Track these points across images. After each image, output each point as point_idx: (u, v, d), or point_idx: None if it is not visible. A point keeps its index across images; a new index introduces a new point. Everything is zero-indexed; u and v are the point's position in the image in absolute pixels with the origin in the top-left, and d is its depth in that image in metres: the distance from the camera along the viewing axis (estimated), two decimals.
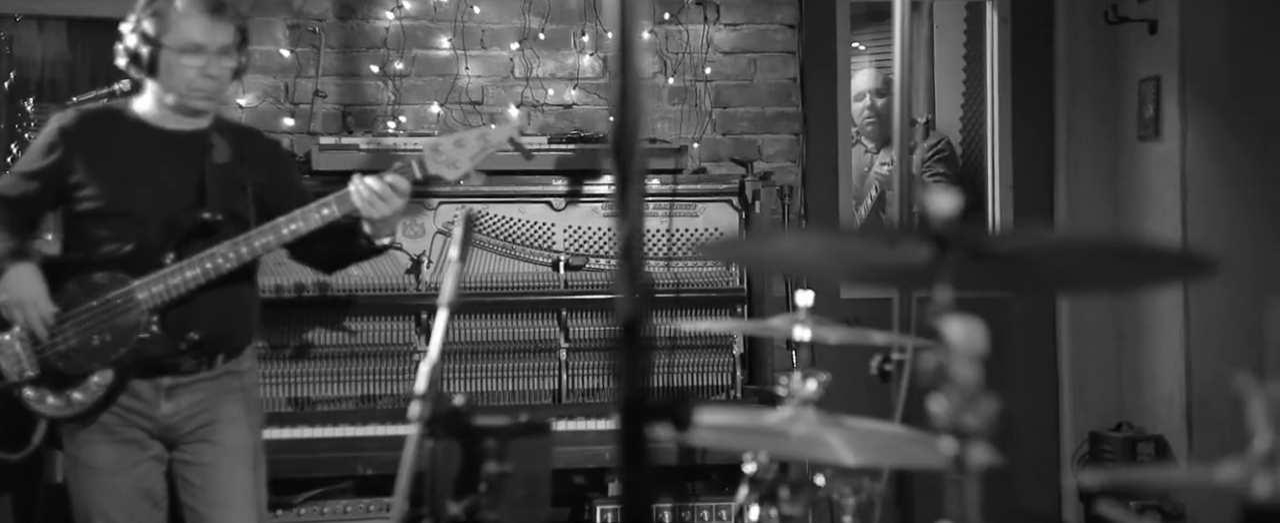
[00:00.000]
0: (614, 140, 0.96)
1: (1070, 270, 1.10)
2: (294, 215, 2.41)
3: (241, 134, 2.59)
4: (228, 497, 2.44)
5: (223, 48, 2.41)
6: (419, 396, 1.47)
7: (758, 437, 1.39)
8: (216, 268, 2.38)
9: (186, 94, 2.42)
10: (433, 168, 2.47)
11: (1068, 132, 4.24)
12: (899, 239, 1.00)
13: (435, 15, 3.74)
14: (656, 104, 3.86)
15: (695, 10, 3.85)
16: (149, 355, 2.39)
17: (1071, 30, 4.21)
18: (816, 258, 1.09)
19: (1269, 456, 0.89)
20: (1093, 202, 4.18)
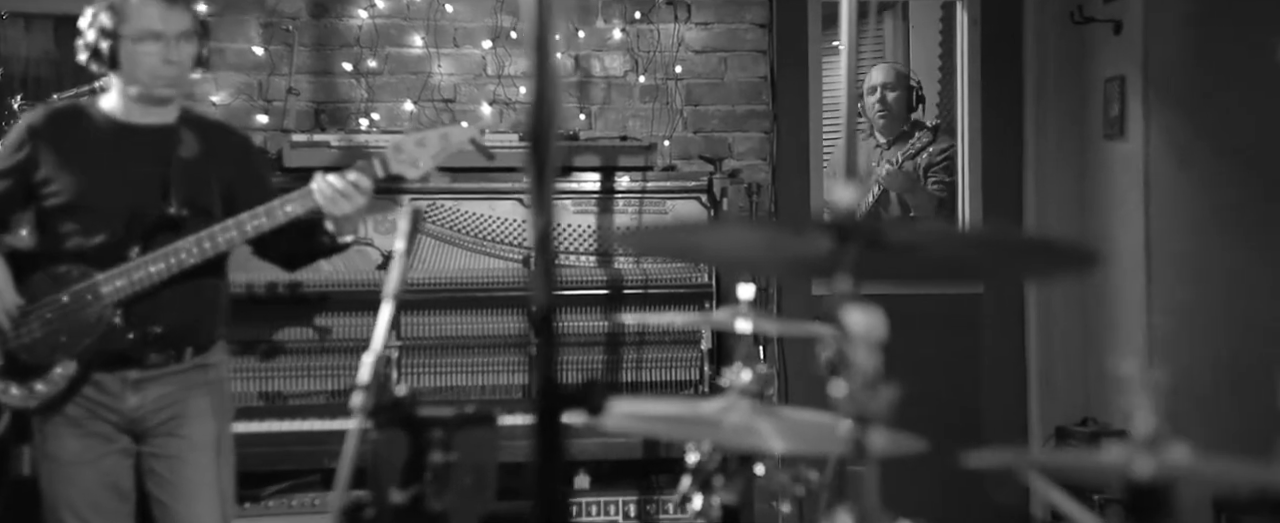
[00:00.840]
0: (530, 137, 1.00)
1: (962, 261, 1.14)
2: (257, 211, 2.44)
3: (210, 128, 2.62)
4: (194, 490, 2.47)
5: (181, 33, 2.44)
6: (361, 386, 1.50)
7: (694, 426, 1.43)
8: (180, 262, 2.41)
9: (150, 82, 2.44)
10: (394, 167, 2.51)
11: (1036, 131, 4.29)
12: (804, 231, 1.04)
13: (408, 13, 3.77)
14: (628, 102, 3.90)
15: (666, 9, 3.89)
16: (113, 348, 2.42)
17: (1040, 30, 4.26)
18: (726, 248, 1.13)
19: (1151, 438, 0.93)
20: (1060, 200, 4.24)
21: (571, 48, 3.85)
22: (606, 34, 3.88)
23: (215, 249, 2.43)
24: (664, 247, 1.19)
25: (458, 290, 3.34)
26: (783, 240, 1.08)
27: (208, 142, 2.54)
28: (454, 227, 3.46)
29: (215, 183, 2.51)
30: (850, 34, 2.03)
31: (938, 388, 4.09)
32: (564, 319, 3.37)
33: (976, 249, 1.11)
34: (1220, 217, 3.61)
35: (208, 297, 2.55)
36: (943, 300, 4.23)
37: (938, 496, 4.09)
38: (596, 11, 3.87)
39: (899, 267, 1.11)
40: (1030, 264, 1.23)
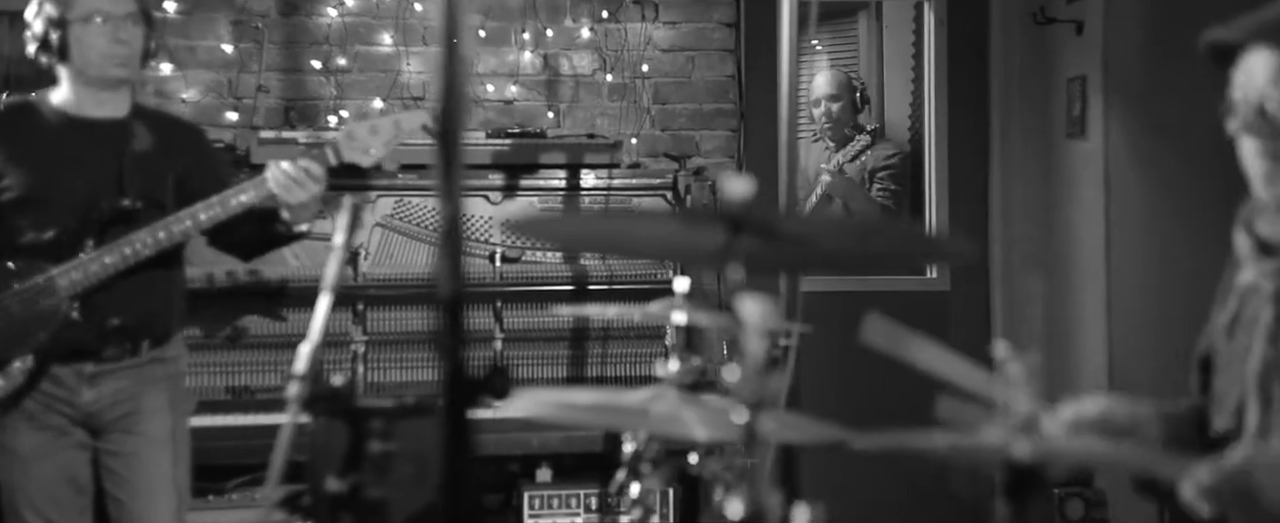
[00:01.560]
0: (439, 126, 1.03)
1: (848, 251, 1.18)
2: (211, 201, 2.46)
3: (162, 121, 2.64)
4: (150, 486, 2.49)
5: (128, 14, 2.46)
6: (297, 377, 1.53)
7: (622, 416, 1.47)
8: (135, 254, 2.43)
9: (101, 64, 2.46)
10: (347, 154, 2.53)
11: (1002, 130, 4.34)
12: (696, 222, 1.08)
13: (377, 12, 3.80)
14: (597, 101, 3.94)
15: (634, 9, 3.93)
16: (70, 341, 2.44)
17: (1005, 31, 4.31)
18: (618, 238, 1.16)
19: (1027, 420, 0.97)
20: (1025, 199, 4.29)
21: (540, 46, 3.89)
22: (575, 33, 3.91)
23: (170, 240, 2.45)
24: (562, 236, 1.22)
25: (423, 286, 3.38)
26: (677, 231, 1.12)
27: (160, 134, 2.56)
28: (420, 223, 3.49)
29: (169, 175, 2.53)
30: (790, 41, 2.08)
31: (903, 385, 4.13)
32: (531, 315, 3.40)
33: (862, 240, 1.15)
34: (1179, 214, 3.66)
35: (164, 289, 2.57)
36: (909, 298, 4.28)
37: (901, 491, 4.14)
38: (565, 10, 3.91)
39: (791, 257, 1.15)
40: (912, 255, 1.27)
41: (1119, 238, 3.80)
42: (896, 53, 5.16)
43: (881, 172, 4.51)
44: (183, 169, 2.56)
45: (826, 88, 4.60)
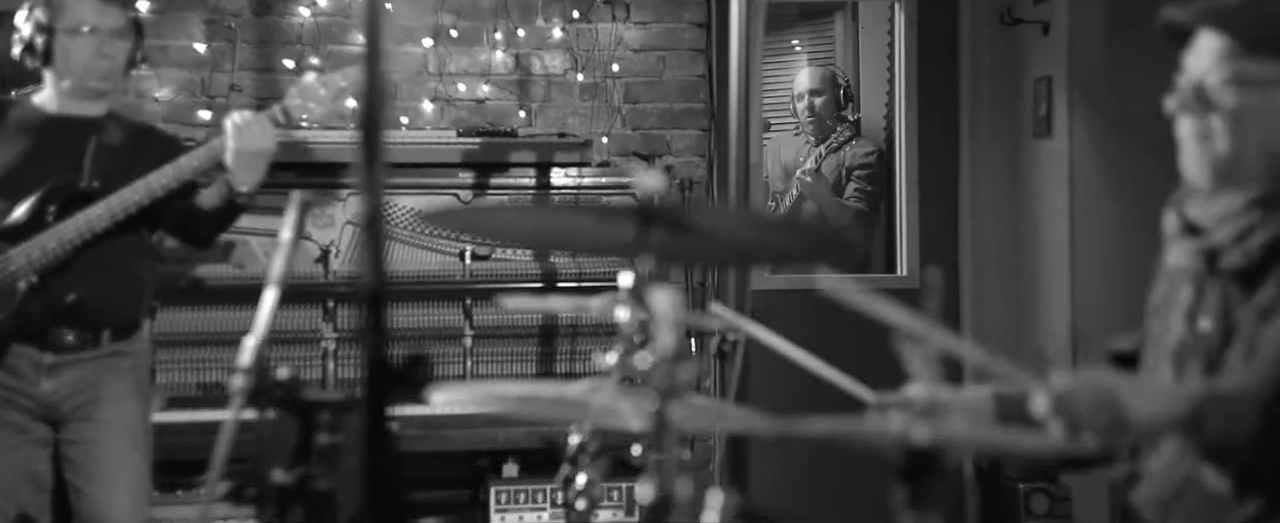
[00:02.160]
0: (362, 122, 1.07)
1: (756, 244, 1.22)
2: (164, 169, 2.49)
3: (137, 127, 2.70)
4: (109, 474, 2.52)
5: (115, 30, 2.51)
6: (242, 370, 1.57)
7: (562, 407, 1.51)
8: (92, 227, 2.46)
9: (82, 75, 2.51)
10: (295, 111, 2.57)
11: (971, 130, 4.39)
12: (609, 216, 1.12)
13: (349, 12, 3.83)
14: (568, 100, 3.97)
15: (605, 9, 3.97)
16: (28, 320, 2.46)
17: (974, 31, 4.36)
18: (535, 231, 1.20)
19: (928, 406, 1.01)
20: (994, 197, 4.33)
21: (512, 46, 3.93)
22: (546, 33, 3.95)
23: (124, 210, 2.48)
24: (477, 228, 1.26)
25: (394, 284, 3.41)
26: (589, 224, 1.15)
27: (132, 136, 2.61)
28: (391, 221, 3.53)
29: (138, 170, 2.57)
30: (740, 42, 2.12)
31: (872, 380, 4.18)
32: (501, 312, 3.44)
33: (768, 233, 1.19)
34: (1142, 212, 3.70)
35: (130, 279, 2.60)
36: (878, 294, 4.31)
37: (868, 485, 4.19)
38: (536, 10, 3.94)
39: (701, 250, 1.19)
40: (814, 249, 1.31)
41: (1083, 236, 3.85)
42: (872, 53, 5.20)
43: (858, 171, 4.55)
44: (151, 167, 2.60)
45: (809, 83, 4.64)
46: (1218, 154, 1.50)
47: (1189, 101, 1.51)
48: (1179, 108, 1.53)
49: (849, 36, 5.78)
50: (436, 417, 3.18)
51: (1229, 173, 1.50)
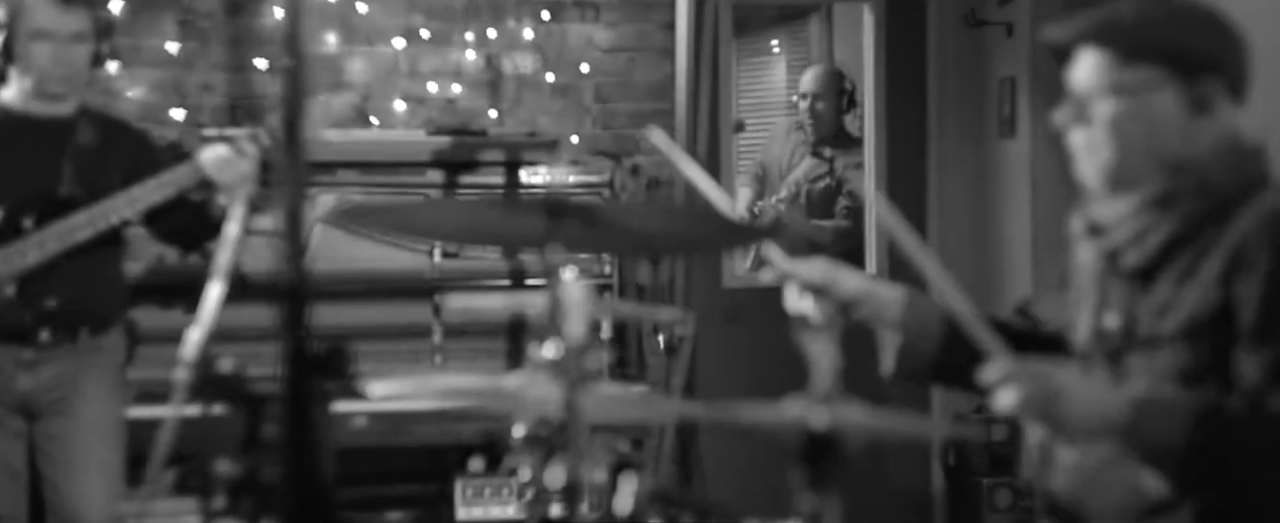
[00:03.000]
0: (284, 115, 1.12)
1: (663, 235, 1.27)
2: (147, 184, 2.54)
3: (108, 123, 2.73)
4: (83, 468, 2.57)
5: (73, 34, 2.54)
6: (185, 364, 1.61)
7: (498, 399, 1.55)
8: (73, 237, 2.51)
9: (41, 80, 2.55)
10: (273, 131, 2.62)
11: (938, 130, 4.45)
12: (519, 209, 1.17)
13: (323, 13, 3.87)
14: (538, 100, 4.02)
15: (575, 10, 4.02)
16: (8, 323, 2.51)
17: (941, 33, 4.42)
18: (444, 225, 1.25)
19: (825, 395, 1.07)
20: (960, 198, 4.39)
21: (482, 46, 3.97)
22: (517, 33, 4.00)
23: (107, 222, 2.53)
24: (386, 224, 1.30)
25: (364, 281, 3.45)
26: (498, 217, 1.20)
27: (106, 134, 2.65)
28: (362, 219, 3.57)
29: (113, 172, 2.61)
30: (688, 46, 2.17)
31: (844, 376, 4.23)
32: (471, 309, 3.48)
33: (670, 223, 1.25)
34: None
35: (106, 278, 2.65)
36: None
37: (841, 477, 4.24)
38: (507, 11, 3.99)
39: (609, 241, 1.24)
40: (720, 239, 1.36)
41: (1044, 235, 3.91)
42: (847, 55, 5.26)
43: (849, 186, 4.59)
44: (126, 168, 2.64)
45: (811, 85, 4.64)
46: (1105, 162, 1.56)
47: (1072, 114, 1.58)
48: (1063, 122, 1.59)
49: (823, 39, 5.84)
50: (403, 412, 3.22)
51: (1119, 178, 1.56)
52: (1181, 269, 1.51)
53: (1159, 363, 1.51)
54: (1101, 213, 1.60)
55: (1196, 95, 1.52)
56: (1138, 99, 1.53)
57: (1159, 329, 1.51)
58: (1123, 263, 1.56)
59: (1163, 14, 1.54)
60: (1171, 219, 1.52)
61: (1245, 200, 1.51)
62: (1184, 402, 1.42)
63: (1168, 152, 1.53)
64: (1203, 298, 1.48)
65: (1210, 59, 1.53)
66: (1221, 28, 1.56)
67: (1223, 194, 1.52)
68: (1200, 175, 1.52)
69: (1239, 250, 1.47)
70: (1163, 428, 1.40)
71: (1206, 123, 1.53)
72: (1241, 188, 1.52)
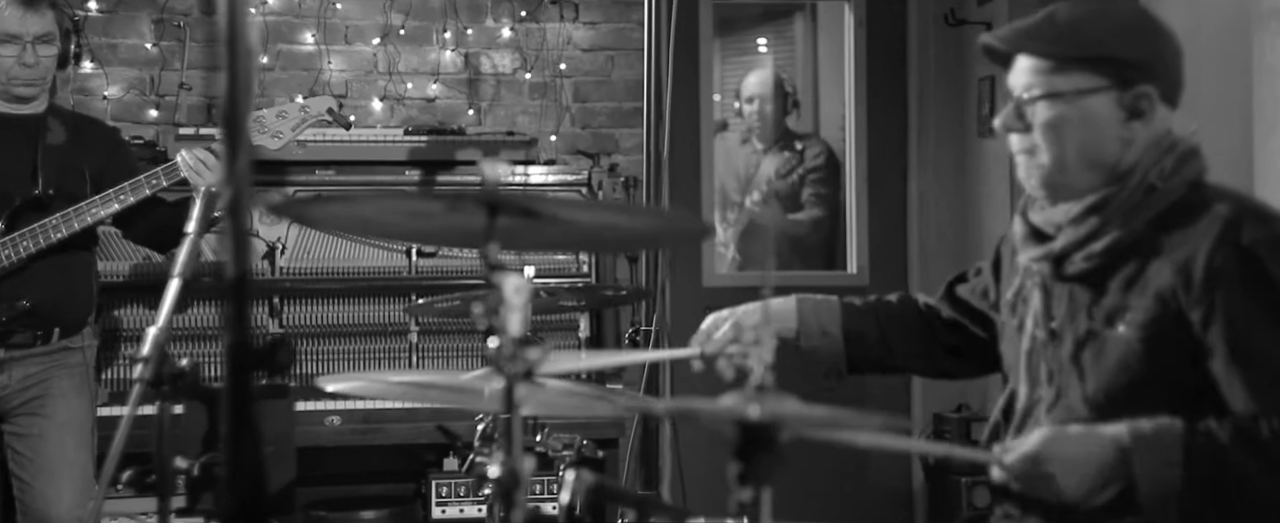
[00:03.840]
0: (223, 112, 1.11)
1: (601, 232, 1.27)
2: (123, 187, 2.54)
3: (78, 120, 2.73)
4: (55, 468, 2.56)
5: (38, 37, 2.54)
6: (142, 359, 1.60)
7: (456, 395, 1.55)
8: (48, 238, 2.51)
9: (6, 82, 2.55)
10: (256, 139, 2.61)
11: (919, 128, 4.45)
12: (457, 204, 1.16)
13: (299, 11, 3.87)
14: (517, 99, 4.01)
15: (553, 9, 4.01)
16: None
17: (921, 32, 4.42)
18: (381, 220, 1.24)
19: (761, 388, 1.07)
20: (940, 194, 4.39)
21: (461, 45, 3.97)
22: (495, 32, 3.99)
23: (82, 224, 2.53)
24: (322, 218, 1.30)
25: (340, 280, 3.45)
26: (435, 212, 1.20)
27: (76, 132, 2.65)
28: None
29: (84, 169, 2.60)
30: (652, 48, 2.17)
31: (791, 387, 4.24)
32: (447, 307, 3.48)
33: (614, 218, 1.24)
34: None
35: (79, 278, 2.64)
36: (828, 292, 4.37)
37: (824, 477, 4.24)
38: (485, 10, 3.98)
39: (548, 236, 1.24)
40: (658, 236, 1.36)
41: None
42: (830, 53, 5.26)
43: (812, 174, 4.61)
44: (97, 165, 2.64)
45: (753, 89, 4.69)
46: (1042, 166, 1.56)
47: (1011, 119, 1.58)
48: (1003, 127, 1.60)
49: (808, 37, 5.85)
50: (378, 411, 3.22)
51: (1055, 182, 1.57)
52: (1128, 276, 1.52)
53: (1108, 362, 1.52)
54: (1042, 218, 1.61)
55: (1131, 101, 1.53)
56: (1073, 104, 1.53)
57: (1109, 332, 1.52)
58: (1068, 269, 1.57)
59: (1098, 21, 1.55)
60: (1115, 224, 1.53)
61: (1188, 203, 1.52)
62: (1171, 436, 1.42)
63: (1104, 156, 1.54)
64: (1158, 306, 1.48)
65: (1144, 66, 1.54)
66: (1156, 35, 1.57)
67: (1164, 197, 1.52)
68: (1141, 179, 1.53)
69: (1194, 261, 1.47)
70: (1160, 461, 1.41)
71: (1141, 127, 1.54)
72: (1181, 190, 1.53)
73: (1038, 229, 1.62)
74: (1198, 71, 2.34)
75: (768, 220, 4.52)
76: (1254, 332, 1.43)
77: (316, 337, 3.43)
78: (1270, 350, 1.43)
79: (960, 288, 1.87)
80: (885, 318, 1.83)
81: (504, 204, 1.10)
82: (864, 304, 1.86)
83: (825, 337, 1.79)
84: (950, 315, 1.84)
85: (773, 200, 4.61)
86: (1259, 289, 1.43)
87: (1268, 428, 1.41)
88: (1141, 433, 1.44)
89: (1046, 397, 1.58)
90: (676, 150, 4.35)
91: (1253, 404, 1.43)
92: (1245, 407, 1.44)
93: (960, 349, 1.84)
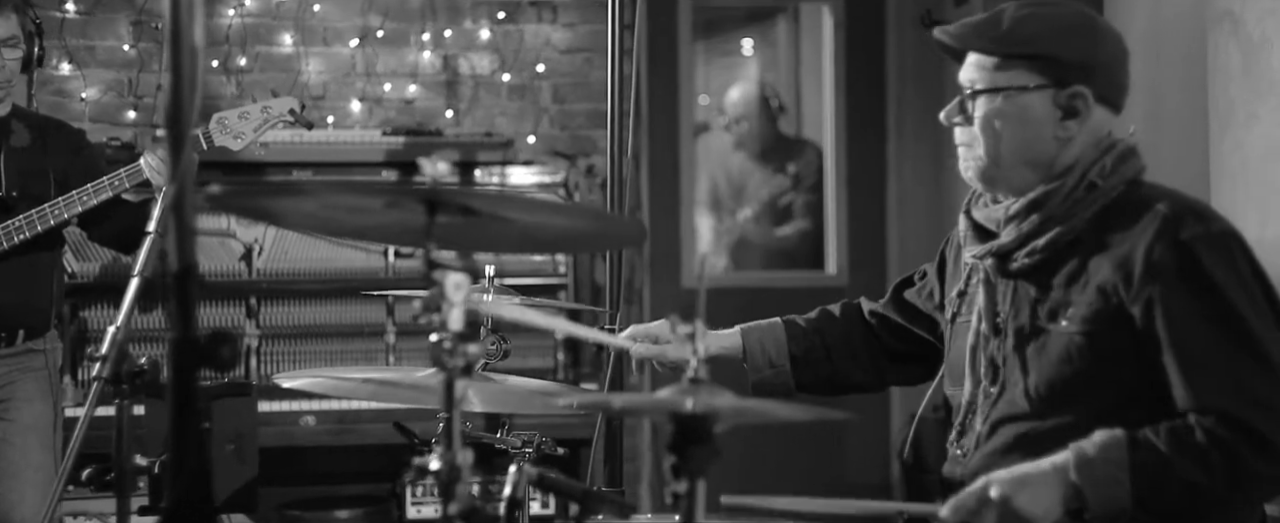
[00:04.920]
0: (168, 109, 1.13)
1: (542, 231, 1.29)
2: (86, 188, 2.54)
3: (42, 122, 2.73)
4: (18, 471, 2.56)
5: (3, 40, 2.54)
6: (100, 357, 1.61)
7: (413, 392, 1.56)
8: (11, 240, 2.51)
9: None
10: (218, 140, 2.62)
11: (897, 129, 4.48)
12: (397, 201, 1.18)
13: (277, 13, 3.88)
14: (496, 100, 4.03)
15: (531, 10, 4.02)
16: None
17: (899, 32, 4.44)
18: (321, 216, 1.25)
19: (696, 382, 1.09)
20: (919, 196, 4.42)
21: (439, 47, 3.98)
22: (474, 34, 4.00)
23: (45, 226, 2.53)
24: (259, 211, 1.31)
25: (319, 281, 3.46)
26: (376, 209, 1.21)
27: (40, 134, 2.65)
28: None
29: (49, 171, 2.60)
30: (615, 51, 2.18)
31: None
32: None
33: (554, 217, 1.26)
34: None
35: (42, 280, 2.64)
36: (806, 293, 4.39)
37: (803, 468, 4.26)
38: (464, 12, 4.00)
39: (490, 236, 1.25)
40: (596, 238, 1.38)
41: None
42: (813, 55, 5.28)
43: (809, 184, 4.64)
44: (62, 167, 2.64)
45: (736, 108, 4.74)
46: (979, 158, 1.59)
47: (954, 112, 1.61)
48: (946, 118, 1.63)
49: (792, 39, 5.87)
50: (352, 411, 3.23)
51: (991, 176, 1.60)
52: (1070, 272, 1.54)
53: (1051, 356, 1.54)
54: (983, 215, 1.63)
55: (1066, 100, 1.56)
56: (1011, 100, 1.56)
57: (1052, 327, 1.54)
58: (1012, 265, 1.59)
59: (1041, 21, 1.58)
60: (1056, 221, 1.55)
61: (1127, 201, 1.54)
62: (1117, 452, 1.44)
63: (1039, 153, 1.57)
64: (1099, 301, 1.50)
65: (1081, 67, 1.56)
66: (1098, 38, 1.60)
67: (1104, 194, 1.55)
68: (1080, 176, 1.55)
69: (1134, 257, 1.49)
70: (1108, 480, 1.43)
71: (1077, 127, 1.56)
72: (1120, 187, 1.55)
73: (981, 226, 1.65)
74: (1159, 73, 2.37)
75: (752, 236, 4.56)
76: (1191, 326, 1.45)
77: (294, 338, 3.44)
78: (1207, 345, 1.45)
79: (908, 292, 1.89)
80: (831, 338, 1.86)
81: (443, 201, 1.12)
82: (808, 323, 1.88)
83: (774, 369, 1.83)
84: (897, 321, 1.87)
85: (762, 220, 4.66)
86: (1196, 285, 1.46)
87: (1202, 432, 1.43)
88: (1087, 458, 1.45)
89: (990, 391, 1.60)
90: (656, 151, 4.39)
91: (1190, 399, 1.46)
92: (1183, 401, 1.46)
93: (907, 355, 1.86)
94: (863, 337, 1.88)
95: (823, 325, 1.88)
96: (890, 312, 1.88)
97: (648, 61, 4.31)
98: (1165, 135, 2.30)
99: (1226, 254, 1.47)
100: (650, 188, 4.32)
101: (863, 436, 4.42)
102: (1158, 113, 2.31)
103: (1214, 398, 1.44)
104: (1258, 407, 1.42)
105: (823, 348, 1.85)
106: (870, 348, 1.87)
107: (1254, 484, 1.45)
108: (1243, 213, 1.97)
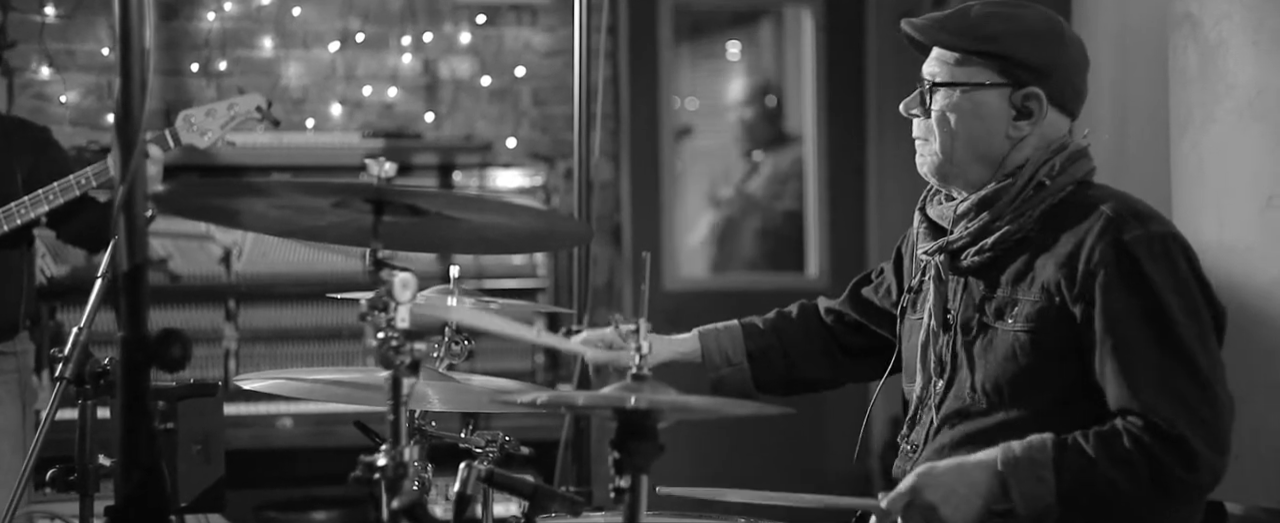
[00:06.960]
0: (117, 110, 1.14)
1: (490, 231, 1.30)
2: (52, 187, 2.54)
3: (7, 123, 2.74)
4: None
5: None
6: (62, 358, 1.62)
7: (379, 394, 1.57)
8: None
9: None
10: (185, 137, 2.63)
11: (877, 129, 4.50)
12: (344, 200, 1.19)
13: (257, 16, 3.89)
14: (476, 104, 4.04)
15: (511, 14, 4.04)
16: None
17: (879, 34, 4.47)
18: (267, 215, 1.26)
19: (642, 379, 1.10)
20: (900, 197, 4.43)
21: (420, 51, 3.99)
22: (454, 37, 4.02)
23: (11, 225, 2.53)
24: (204, 211, 1.32)
25: (298, 285, 3.47)
26: (324, 209, 1.22)
27: (4, 134, 2.65)
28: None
29: (16, 171, 2.61)
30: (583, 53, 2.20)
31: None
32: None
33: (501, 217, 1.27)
34: None
35: (12, 282, 2.64)
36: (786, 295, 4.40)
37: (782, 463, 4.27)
38: (444, 15, 4.01)
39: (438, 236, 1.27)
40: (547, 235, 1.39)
41: None
42: (798, 57, 5.30)
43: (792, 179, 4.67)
44: (28, 166, 2.64)
45: (738, 95, 4.78)
46: (933, 152, 1.61)
47: (913, 103, 1.64)
48: (904, 109, 1.65)
49: (775, 41, 5.89)
50: (330, 414, 3.24)
51: (944, 171, 1.62)
52: (1017, 270, 1.56)
53: (997, 353, 1.56)
54: (937, 213, 1.66)
55: (1020, 100, 1.58)
56: (967, 95, 1.59)
57: (998, 325, 1.56)
58: (963, 262, 1.61)
59: (1004, 21, 1.60)
60: (1005, 219, 1.57)
61: (1075, 201, 1.56)
62: (1043, 454, 1.46)
63: (991, 150, 1.59)
64: (1043, 300, 1.52)
65: (1038, 70, 1.59)
66: (1058, 43, 1.62)
67: (1051, 194, 1.57)
68: (1030, 176, 1.57)
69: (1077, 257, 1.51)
70: (1033, 479, 1.46)
71: (1030, 127, 1.58)
72: (1068, 188, 1.57)
73: (935, 223, 1.67)
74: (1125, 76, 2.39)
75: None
76: (1128, 327, 1.47)
77: (272, 340, 3.45)
78: (1143, 346, 1.47)
79: (865, 290, 1.91)
80: (788, 337, 1.88)
81: (389, 200, 1.13)
82: (765, 323, 1.90)
83: (731, 367, 1.84)
84: (854, 317, 1.89)
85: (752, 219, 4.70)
86: (1135, 286, 1.48)
87: (1128, 438, 1.45)
88: (1013, 455, 1.48)
89: (939, 387, 1.62)
90: (636, 154, 4.40)
91: (1120, 398, 1.47)
92: (1114, 400, 1.48)
93: (864, 350, 1.88)
94: (820, 334, 1.90)
95: (780, 325, 1.90)
96: (847, 309, 1.90)
97: (629, 65, 4.33)
98: (1132, 137, 2.32)
99: (1166, 257, 1.50)
100: (631, 191, 4.34)
101: (843, 430, 4.43)
102: (1124, 115, 2.33)
103: (1142, 399, 1.46)
104: (1183, 413, 1.44)
105: (780, 347, 1.87)
106: (827, 345, 1.89)
107: (1178, 490, 1.46)
108: (1201, 215, 1.99)
